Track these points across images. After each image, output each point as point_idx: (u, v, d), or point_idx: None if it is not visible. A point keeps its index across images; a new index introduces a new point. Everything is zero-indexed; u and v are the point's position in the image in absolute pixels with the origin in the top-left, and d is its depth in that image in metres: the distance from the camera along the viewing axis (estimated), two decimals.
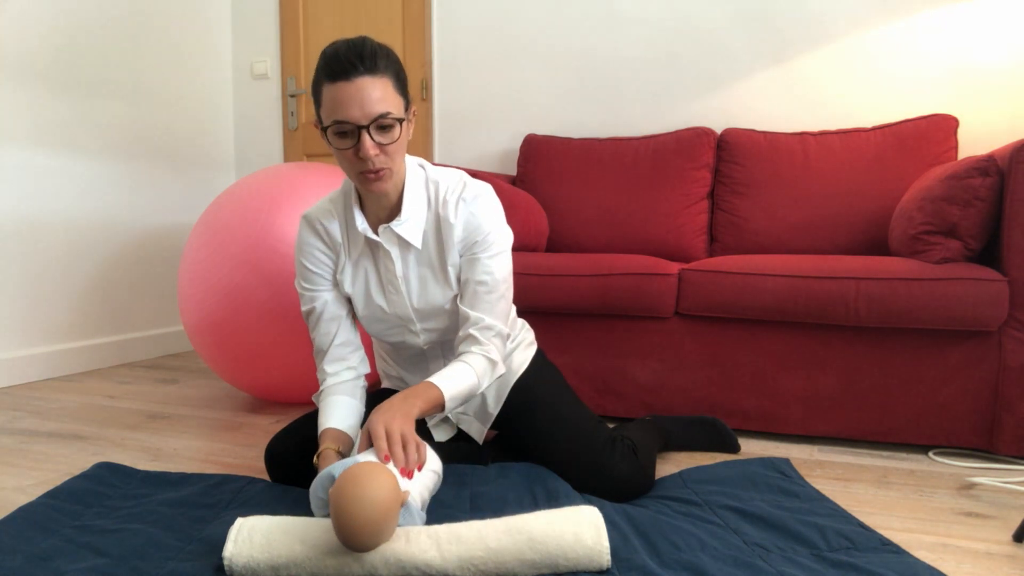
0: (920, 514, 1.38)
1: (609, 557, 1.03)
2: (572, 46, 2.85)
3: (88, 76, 2.78)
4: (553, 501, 1.27)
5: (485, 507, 1.27)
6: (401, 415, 1.15)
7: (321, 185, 2.10)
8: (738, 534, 1.19)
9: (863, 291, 1.71)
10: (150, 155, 3.06)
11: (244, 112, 3.51)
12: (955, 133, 2.21)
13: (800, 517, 1.24)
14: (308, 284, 1.38)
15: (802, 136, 2.38)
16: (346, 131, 1.19)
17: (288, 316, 1.97)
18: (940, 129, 2.21)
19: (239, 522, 1.06)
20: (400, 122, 1.21)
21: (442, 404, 1.23)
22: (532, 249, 2.35)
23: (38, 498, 1.32)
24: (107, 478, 1.46)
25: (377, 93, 1.17)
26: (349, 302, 1.41)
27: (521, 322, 1.58)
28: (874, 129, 2.30)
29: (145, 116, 3.03)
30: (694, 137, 2.48)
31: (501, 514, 1.22)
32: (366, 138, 1.18)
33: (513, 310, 1.56)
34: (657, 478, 1.50)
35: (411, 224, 1.31)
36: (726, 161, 2.44)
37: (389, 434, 1.12)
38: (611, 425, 1.93)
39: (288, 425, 1.47)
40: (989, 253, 1.78)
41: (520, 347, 1.52)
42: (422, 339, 1.41)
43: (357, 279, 1.38)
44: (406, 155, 1.32)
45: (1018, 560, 1.18)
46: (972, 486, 1.54)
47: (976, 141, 2.34)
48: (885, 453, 1.77)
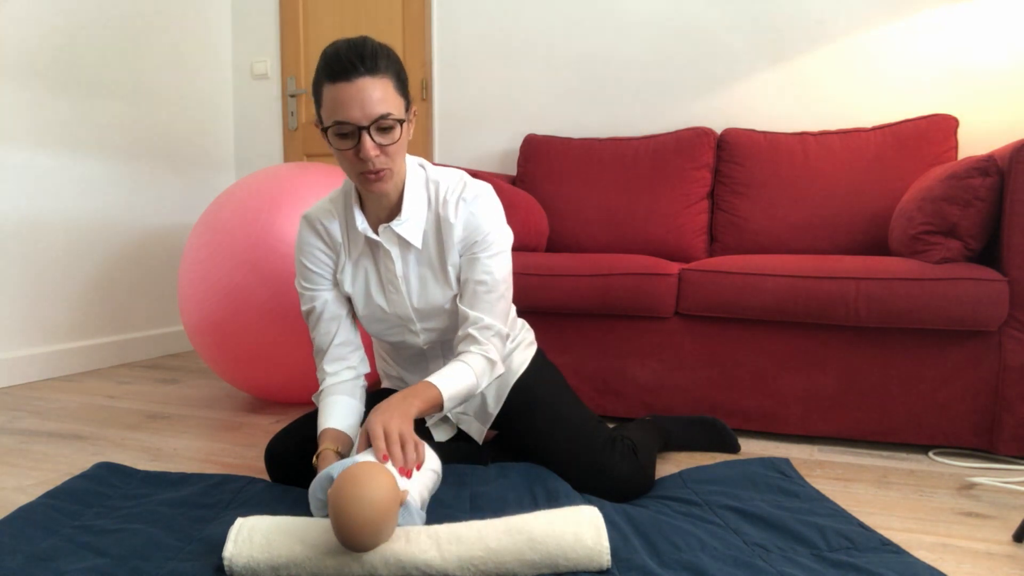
0: (920, 514, 1.38)
1: (609, 557, 1.03)
2: (572, 46, 2.85)
3: (88, 76, 2.78)
4: (553, 501, 1.27)
5: (485, 507, 1.27)
6: (399, 414, 1.15)
7: (321, 185, 2.10)
8: (738, 534, 1.19)
9: (863, 291, 1.71)
10: (150, 155, 3.06)
11: (244, 112, 3.51)
12: (955, 133, 2.21)
13: (800, 517, 1.24)
14: (308, 284, 1.38)
15: (802, 136, 2.38)
16: (347, 132, 1.19)
17: (288, 316, 1.97)
18: (940, 129, 2.21)
19: (239, 522, 1.06)
20: (400, 123, 1.21)
21: (441, 404, 1.23)
22: (532, 249, 2.35)
23: (38, 498, 1.32)
24: (107, 478, 1.46)
25: (378, 94, 1.17)
26: (349, 302, 1.41)
27: (521, 322, 1.58)
28: (874, 129, 2.30)
29: (145, 116, 3.03)
30: (694, 137, 2.48)
31: (501, 514, 1.22)
32: (366, 139, 1.18)
33: (513, 310, 1.56)
34: (657, 478, 1.50)
35: (411, 224, 1.31)
36: (726, 161, 2.44)
37: (387, 434, 1.11)
38: (611, 425, 1.93)
39: (288, 425, 1.47)
40: (989, 253, 1.78)
41: (520, 347, 1.52)
42: (422, 339, 1.41)
43: (357, 279, 1.38)
44: (406, 155, 1.32)
45: (1018, 560, 1.18)
46: (972, 486, 1.54)
47: (976, 141, 2.34)
48: (885, 453, 1.77)
